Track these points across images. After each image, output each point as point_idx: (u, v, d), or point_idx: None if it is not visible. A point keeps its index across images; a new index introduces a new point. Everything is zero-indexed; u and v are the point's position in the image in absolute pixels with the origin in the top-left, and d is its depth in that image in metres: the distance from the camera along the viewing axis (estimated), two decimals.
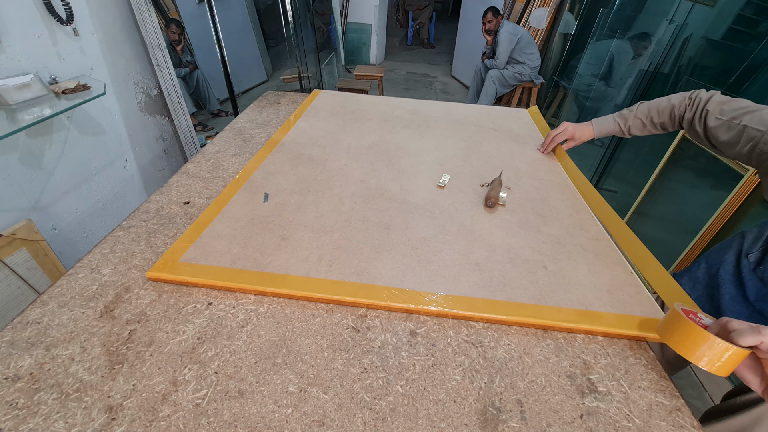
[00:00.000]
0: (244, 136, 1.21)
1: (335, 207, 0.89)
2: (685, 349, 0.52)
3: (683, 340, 0.53)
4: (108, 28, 1.68)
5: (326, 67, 4.09)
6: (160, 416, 0.50)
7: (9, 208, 1.36)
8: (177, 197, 0.92)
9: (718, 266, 0.80)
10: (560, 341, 0.63)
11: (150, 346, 0.58)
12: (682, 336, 0.53)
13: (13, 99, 1.23)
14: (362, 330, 0.63)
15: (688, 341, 0.52)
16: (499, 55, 3.27)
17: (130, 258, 0.74)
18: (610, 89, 2.89)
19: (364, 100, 1.50)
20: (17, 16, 1.29)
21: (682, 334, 0.53)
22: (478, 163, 1.11)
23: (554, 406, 0.53)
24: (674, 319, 0.55)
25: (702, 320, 0.56)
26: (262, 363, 0.57)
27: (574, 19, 3.42)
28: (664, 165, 2.02)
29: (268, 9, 4.30)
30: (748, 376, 0.51)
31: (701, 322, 0.55)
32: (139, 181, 2.01)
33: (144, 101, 1.97)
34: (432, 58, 5.87)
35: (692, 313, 0.57)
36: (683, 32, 2.15)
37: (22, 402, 0.51)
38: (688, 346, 0.52)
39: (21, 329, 0.60)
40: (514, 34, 3.19)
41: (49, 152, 1.48)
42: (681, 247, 1.78)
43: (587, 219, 0.90)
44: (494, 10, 3.22)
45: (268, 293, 0.67)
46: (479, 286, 0.70)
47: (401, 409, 0.52)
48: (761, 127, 0.71)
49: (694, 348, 0.51)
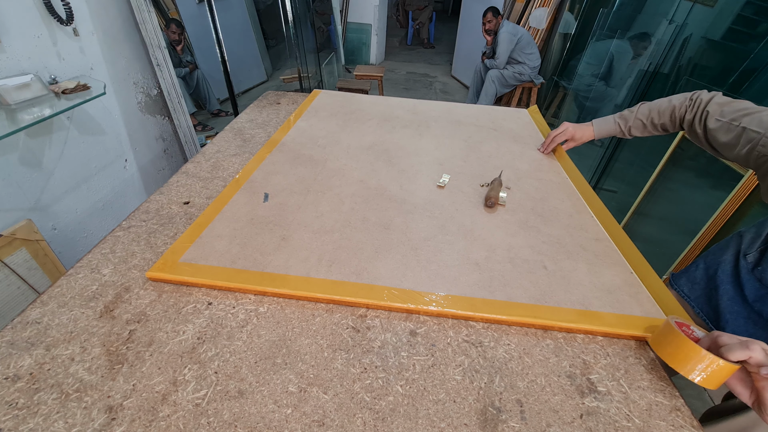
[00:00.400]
0: (244, 136, 1.21)
1: (335, 207, 0.89)
2: (677, 363, 0.54)
3: (675, 353, 0.54)
4: (108, 28, 1.68)
5: (326, 67, 4.09)
6: (160, 416, 0.50)
7: (9, 208, 1.36)
8: (177, 197, 0.92)
9: (716, 267, 0.80)
10: (560, 341, 0.63)
11: (150, 346, 0.58)
12: (675, 350, 0.54)
13: (13, 99, 1.23)
14: (362, 330, 0.63)
15: (679, 355, 0.53)
16: (498, 55, 3.27)
17: (130, 258, 0.74)
18: (610, 89, 2.89)
19: (364, 100, 1.50)
20: (17, 16, 1.29)
21: (674, 348, 0.54)
22: (478, 163, 1.11)
23: (554, 406, 0.53)
24: (667, 333, 0.57)
25: (694, 333, 0.57)
26: (262, 363, 0.57)
27: (574, 19, 3.42)
28: (663, 165, 2.02)
29: (268, 9, 4.30)
30: (738, 388, 0.51)
31: (693, 335, 0.56)
32: (139, 181, 2.00)
33: (144, 101, 1.97)
34: (432, 58, 5.87)
35: (685, 326, 0.58)
36: (683, 32, 2.15)
37: (22, 402, 0.51)
38: (679, 360, 0.53)
39: (21, 329, 0.60)
40: (514, 34, 3.19)
41: (49, 152, 1.48)
42: (681, 248, 1.78)
43: (587, 219, 0.90)
44: (494, 10, 3.22)
45: (268, 293, 0.67)
46: (479, 286, 0.70)
47: (401, 409, 0.52)
48: (760, 129, 0.71)
49: (685, 362, 0.52)
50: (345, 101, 1.48)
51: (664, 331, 0.57)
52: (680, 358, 0.53)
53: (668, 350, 0.55)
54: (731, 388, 0.52)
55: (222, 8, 3.40)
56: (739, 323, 0.73)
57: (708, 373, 0.50)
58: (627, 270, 0.76)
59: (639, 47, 2.55)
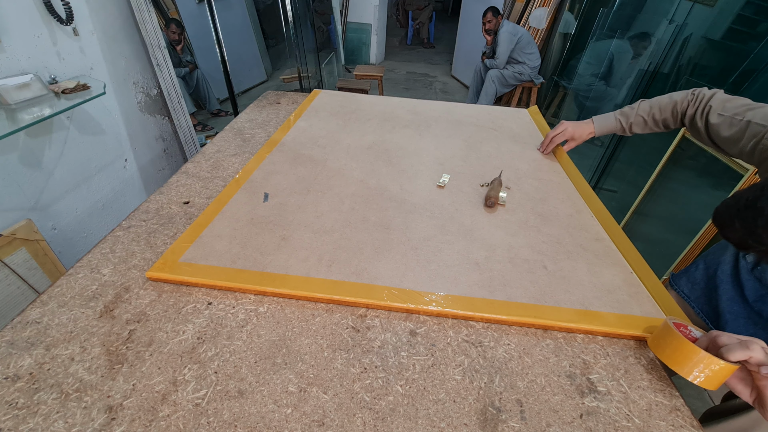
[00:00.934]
0: (244, 136, 1.21)
1: (335, 207, 0.89)
2: (676, 364, 0.53)
3: (674, 355, 0.54)
4: (108, 28, 1.68)
5: (326, 66, 4.08)
6: (160, 416, 0.50)
7: (9, 208, 1.36)
8: (177, 197, 0.92)
9: (716, 267, 0.80)
10: (560, 341, 0.63)
11: (150, 345, 0.58)
12: (673, 351, 0.54)
13: (13, 99, 1.23)
14: (362, 330, 0.63)
15: (678, 356, 0.53)
16: (499, 54, 3.27)
17: (129, 258, 0.74)
18: (610, 89, 2.89)
19: (364, 100, 1.50)
20: (17, 16, 1.29)
21: (673, 349, 0.54)
22: (478, 162, 1.11)
23: (554, 405, 0.53)
24: (666, 334, 0.56)
25: (692, 333, 0.57)
26: (262, 363, 0.57)
27: (574, 19, 3.41)
28: (664, 165, 2.02)
29: (268, 9, 4.30)
30: (738, 387, 0.51)
31: (691, 335, 0.56)
32: (138, 180, 2.00)
33: (144, 101, 1.97)
34: (432, 57, 5.87)
35: (683, 326, 0.57)
36: (683, 32, 2.15)
37: (22, 402, 0.51)
38: (678, 361, 0.53)
39: (21, 329, 0.60)
40: (514, 33, 3.18)
41: (49, 152, 1.48)
42: (681, 247, 1.78)
43: (587, 219, 0.90)
44: (494, 10, 3.22)
45: (268, 293, 0.67)
46: (479, 285, 0.70)
47: (401, 408, 0.52)
48: (765, 123, 0.71)
49: (684, 363, 0.52)
50: (345, 101, 1.48)
51: (662, 332, 0.57)
52: (679, 359, 0.53)
53: (667, 352, 0.55)
54: (731, 387, 0.52)
55: (222, 8, 3.40)
56: (739, 323, 0.72)
57: (707, 374, 0.50)
58: (627, 270, 0.76)
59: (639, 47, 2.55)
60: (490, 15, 3.21)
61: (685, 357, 0.52)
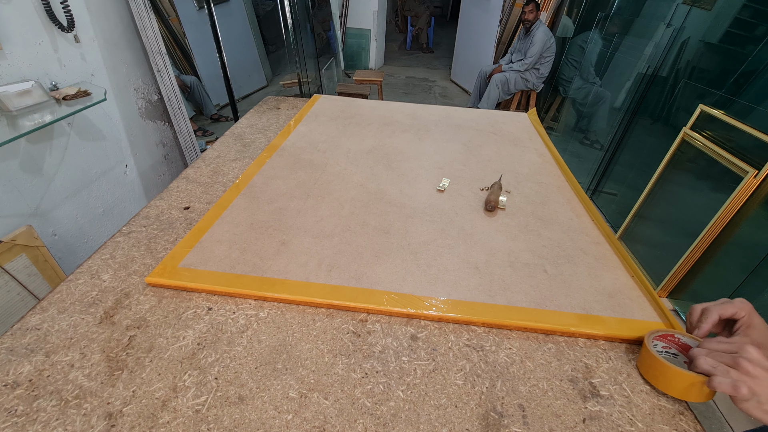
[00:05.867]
0: (244, 141, 1.22)
1: (335, 211, 0.89)
2: (663, 387, 0.53)
3: (659, 377, 0.53)
4: (109, 35, 1.69)
5: (326, 72, 4.10)
6: (160, 423, 0.49)
7: (9, 214, 1.36)
8: (177, 202, 0.92)
9: None
10: (562, 345, 0.62)
11: (150, 351, 0.58)
12: (657, 373, 0.53)
13: (14, 105, 1.24)
14: (363, 335, 0.62)
15: (662, 379, 0.52)
16: (531, 54, 3.18)
17: (130, 263, 0.74)
18: (607, 92, 2.90)
19: (364, 105, 1.51)
20: (18, 23, 1.30)
21: (655, 371, 0.54)
22: (478, 167, 1.11)
23: (556, 410, 0.53)
24: (646, 357, 0.55)
25: (680, 341, 0.55)
26: (262, 368, 0.56)
27: (572, 23, 3.44)
28: (664, 168, 2.02)
29: (268, 15, 4.33)
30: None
31: (680, 342, 0.55)
32: (139, 186, 2.01)
33: (144, 107, 1.98)
34: (431, 62, 5.90)
35: (669, 336, 0.56)
36: (681, 36, 2.16)
37: (21, 409, 0.50)
38: (665, 384, 0.52)
39: (20, 335, 0.60)
40: (549, 38, 3.14)
41: (50, 158, 1.48)
42: (681, 250, 1.78)
43: (587, 223, 0.90)
44: (537, 3, 3.10)
45: (268, 298, 0.67)
46: (479, 290, 0.70)
47: (402, 414, 0.52)
48: None
49: (671, 386, 0.52)
50: (345, 106, 1.49)
51: (644, 354, 0.56)
52: (664, 382, 0.52)
53: (651, 373, 0.54)
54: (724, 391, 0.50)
55: (222, 14, 3.42)
56: None
57: (698, 392, 0.49)
58: (627, 273, 0.76)
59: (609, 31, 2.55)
60: (533, 6, 3.10)
61: (670, 381, 0.51)
